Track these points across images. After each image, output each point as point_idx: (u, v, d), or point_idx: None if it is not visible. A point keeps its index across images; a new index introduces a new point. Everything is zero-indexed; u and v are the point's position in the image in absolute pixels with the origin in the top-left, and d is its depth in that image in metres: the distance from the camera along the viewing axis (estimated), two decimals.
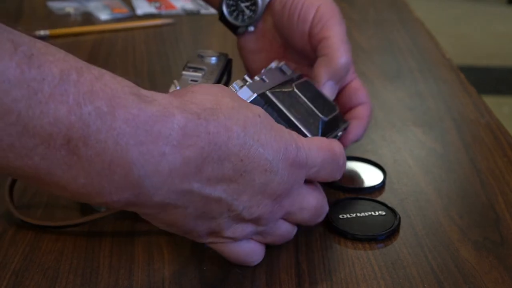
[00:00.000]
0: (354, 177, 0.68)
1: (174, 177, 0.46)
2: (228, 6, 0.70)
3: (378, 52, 1.01)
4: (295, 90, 0.60)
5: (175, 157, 0.46)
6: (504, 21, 3.63)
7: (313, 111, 0.60)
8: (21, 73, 0.41)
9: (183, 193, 0.48)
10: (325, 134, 0.60)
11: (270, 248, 0.57)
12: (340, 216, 0.61)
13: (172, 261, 0.56)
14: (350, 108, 0.69)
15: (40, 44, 0.43)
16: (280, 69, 0.64)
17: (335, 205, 0.63)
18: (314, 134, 0.58)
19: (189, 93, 0.49)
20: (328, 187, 0.65)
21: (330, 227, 0.60)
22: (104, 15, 1.09)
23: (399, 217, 0.61)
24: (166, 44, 1.01)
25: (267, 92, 0.58)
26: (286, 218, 0.55)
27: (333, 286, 0.54)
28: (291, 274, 0.55)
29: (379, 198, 0.65)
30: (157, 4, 1.14)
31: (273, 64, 0.65)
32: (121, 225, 0.60)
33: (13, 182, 0.61)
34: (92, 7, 1.12)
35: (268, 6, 0.69)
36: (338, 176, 0.56)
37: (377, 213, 0.62)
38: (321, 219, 0.57)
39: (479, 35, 3.45)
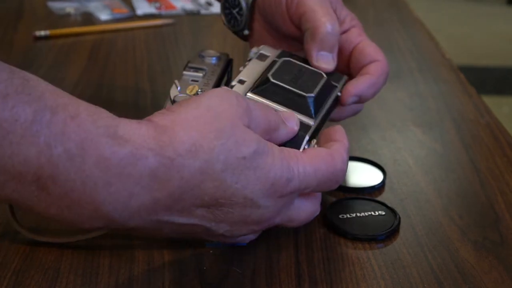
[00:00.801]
0: (354, 177, 0.68)
1: (142, 213, 0.47)
2: (225, 15, 0.71)
3: None
4: (272, 80, 0.59)
5: (144, 197, 0.46)
6: (504, 21, 3.63)
7: (298, 93, 0.58)
8: None
9: (154, 222, 0.48)
10: (320, 105, 0.59)
11: (270, 248, 0.57)
12: (340, 216, 0.61)
13: (172, 261, 0.56)
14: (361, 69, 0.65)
15: (18, 80, 0.44)
16: (260, 55, 0.63)
17: (335, 205, 0.63)
18: (309, 114, 0.57)
19: (176, 126, 0.47)
20: None
21: (330, 227, 0.60)
22: (104, 15, 1.09)
23: (399, 217, 0.61)
24: (166, 44, 1.01)
25: (248, 95, 0.58)
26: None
27: (333, 286, 0.54)
28: (291, 274, 0.55)
29: (379, 198, 0.65)
30: (157, 4, 1.14)
31: (252, 52, 0.65)
32: None
33: None
34: (92, 7, 1.12)
35: (255, 6, 0.69)
36: (334, 188, 0.55)
37: (377, 213, 0.62)
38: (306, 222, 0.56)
39: (479, 35, 3.45)
